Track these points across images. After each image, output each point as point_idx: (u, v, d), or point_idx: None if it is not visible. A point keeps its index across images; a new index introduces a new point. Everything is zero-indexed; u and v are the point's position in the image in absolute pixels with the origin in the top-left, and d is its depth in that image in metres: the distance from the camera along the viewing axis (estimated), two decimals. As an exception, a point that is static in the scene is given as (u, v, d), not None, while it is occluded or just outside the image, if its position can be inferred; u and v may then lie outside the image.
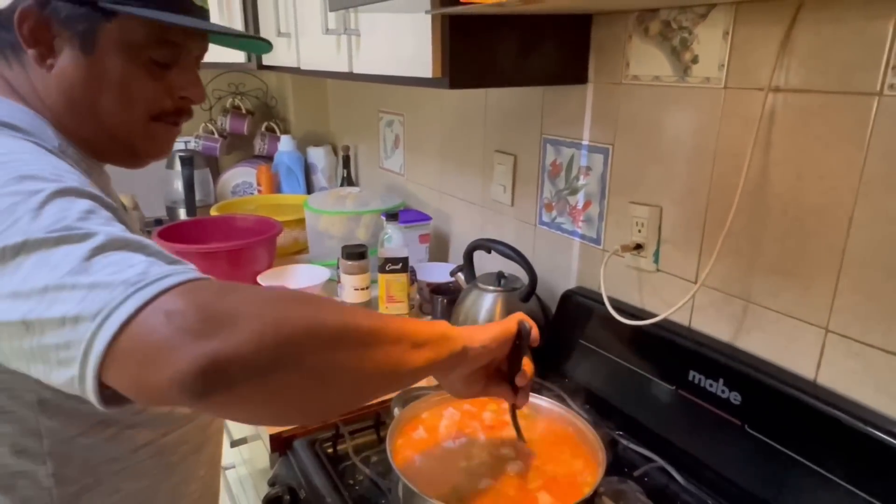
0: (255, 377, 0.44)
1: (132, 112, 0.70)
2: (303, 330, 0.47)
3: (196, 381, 0.42)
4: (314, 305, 0.51)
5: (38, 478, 0.65)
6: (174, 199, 2.10)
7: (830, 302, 0.82)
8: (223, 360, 0.43)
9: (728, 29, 0.88)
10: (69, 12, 0.64)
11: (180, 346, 0.42)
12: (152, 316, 0.44)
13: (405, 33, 1.05)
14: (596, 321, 1.14)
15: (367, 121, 2.05)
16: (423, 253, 1.65)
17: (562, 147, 1.23)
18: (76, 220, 0.49)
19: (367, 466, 0.93)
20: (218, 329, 0.43)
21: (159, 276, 0.46)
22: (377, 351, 0.54)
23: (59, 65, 0.66)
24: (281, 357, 0.45)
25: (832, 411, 0.79)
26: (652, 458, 0.95)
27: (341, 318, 0.51)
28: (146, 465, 0.72)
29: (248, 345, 0.44)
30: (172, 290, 0.45)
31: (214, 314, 0.44)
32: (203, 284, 0.47)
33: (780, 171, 0.85)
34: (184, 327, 0.43)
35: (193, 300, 0.45)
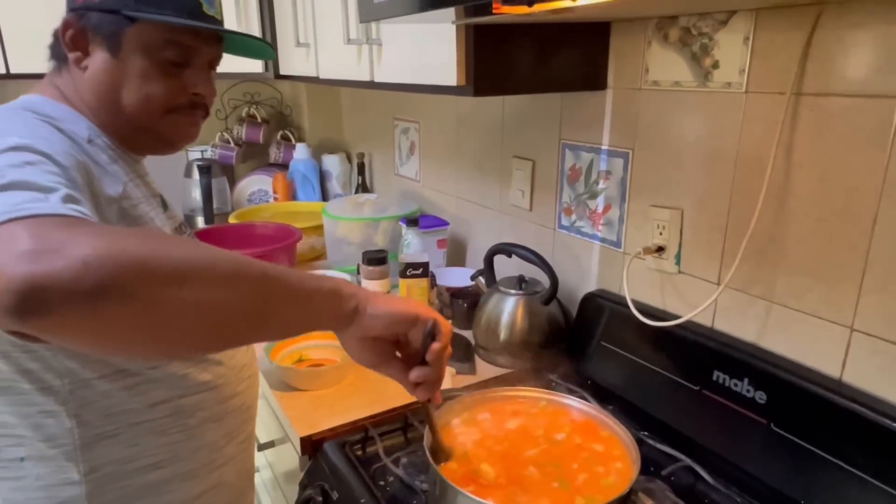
0: (78, 303, 0.45)
1: (150, 106, 0.80)
2: (134, 261, 0.47)
3: (14, 300, 0.44)
4: (162, 241, 0.52)
5: (62, 418, 0.72)
6: (192, 208, 2.12)
7: (855, 301, 0.83)
8: (40, 282, 0.44)
9: (749, 34, 0.90)
10: (99, 20, 0.77)
11: (6, 266, 0.44)
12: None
13: (428, 42, 1.08)
14: (617, 323, 1.16)
15: (382, 128, 2.08)
16: (440, 258, 1.67)
17: (581, 152, 1.25)
18: (8, 165, 0.55)
19: (398, 467, 0.94)
20: (44, 255, 0.45)
21: (27, 207, 0.49)
22: (235, 291, 0.52)
23: (92, 66, 0.78)
24: (107, 285, 0.45)
25: (858, 408, 0.80)
26: (678, 457, 0.96)
27: (189, 253, 0.51)
28: (164, 422, 0.78)
29: (69, 270, 0.45)
30: (27, 219, 0.48)
31: (46, 242, 0.46)
32: (62, 218, 0.50)
33: (802, 173, 0.86)
34: (13, 250, 0.45)
35: (35, 229, 0.47)
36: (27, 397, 0.71)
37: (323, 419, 1.06)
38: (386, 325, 0.67)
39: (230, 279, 0.52)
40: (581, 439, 0.85)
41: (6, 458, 0.73)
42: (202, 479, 0.85)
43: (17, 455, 0.73)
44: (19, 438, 0.73)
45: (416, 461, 0.95)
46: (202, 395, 0.82)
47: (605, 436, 0.85)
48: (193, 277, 0.50)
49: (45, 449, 0.73)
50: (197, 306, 0.50)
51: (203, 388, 0.82)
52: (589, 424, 0.88)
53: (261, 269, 0.55)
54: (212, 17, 0.82)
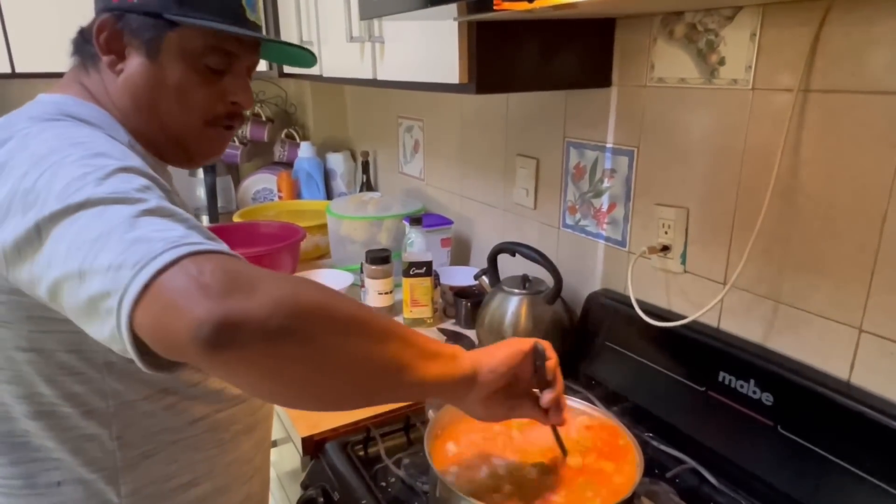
0: (265, 341, 0.46)
1: (189, 114, 0.76)
2: (318, 307, 0.50)
3: (210, 333, 0.44)
4: (331, 291, 0.54)
5: (104, 440, 0.70)
6: (197, 206, 2.13)
7: (864, 302, 0.82)
8: (237, 317, 0.45)
9: (755, 31, 0.89)
10: (139, 23, 0.73)
11: (201, 299, 0.45)
12: (183, 269, 0.47)
13: (431, 40, 1.07)
14: (622, 323, 1.15)
15: (386, 126, 2.07)
16: (444, 257, 1.66)
17: (585, 150, 1.24)
18: (133, 189, 0.54)
19: (400, 468, 0.94)
20: (238, 290, 0.46)
21: (197, 241, 0.50)
22: (387, 347, 0.55)
23: (128, 70, 0.74)
24: (293, 327, 0.47)
25: (867, 411, 0.79)
26: (683, 459, 0.95)
27: (355, 307, 0.54)
28: (201, 438, 0.76)
29: (262, 308, 0.46)
30: (206, 254, 0.49)
31: (238, 278, 0.47)
32: (234, 257, 0.51)
33: (810, 171, 0.85)
34: (207, 283, 0.46)
35: (222, 264, 0.48)
36: (68, 421, 0.68)
37: (325, 419, 1.06)
38: (504, 373, 0.68)
39: (385, 334, 0.55)
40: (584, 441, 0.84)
41: (42, 482, 0.70)
42: (235, 492, 0.83)
43: (54, 479, 0.70)
44: (56, 462, 0.69)
45: (417, 462, 0.95)
46: (236, 409, 0.80)
47: (608, 437, 0.84)
48: (360, 329, 0.53)
49: (83, 472, 0.70)
50: (359, 356, 0.53)
51: (237, 401, 0.80)
52: (592, 426, 0.86)
53: (402, 328, 0.59)
54: (253, 21, 0.78)
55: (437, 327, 1.41)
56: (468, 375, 0.65)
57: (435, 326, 1.41)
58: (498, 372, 0.67)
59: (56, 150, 0.57)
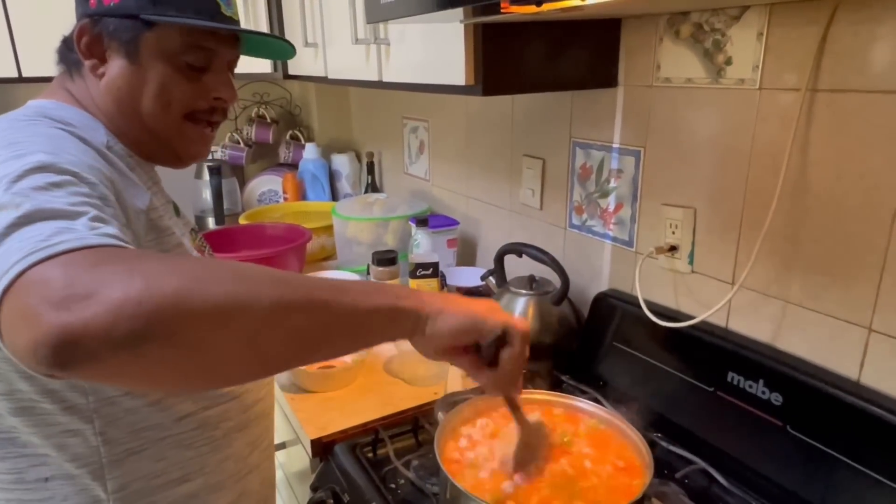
0: (119, 350, 0.43)
1: (169, 112, 0.77)
2: (174, 302, 0.44)
3: (48, 353, 0.42)
4: (208, 274, 0.47)
5: (87, 436, 0.70)
6: (203, 209, 2.13)
7: (873, 301, 0.81)
8: (74, 333, 0.42)
9: (762, 30, 0.88)
10: (116, 25, 0.74)
11: (38, 316, 0.42)
12: (27, 283, 0.44)
13: (436, 42, 1.07)
14: (630, 323, 1.14)
15: (391, 127, 2.07)
16: (450, 258, 1.67)
17: (592, 150, 1.24)
18: (33, 188, 0.52)
19: (409, 470, 0.94)
20: (75, 301, 0.42)
21: (55, 242, 0.46)
22: (279, 328, 0.49)
23: (109, 73, 0.76)
24: (145, 330, 0.43)
25: (877, 411, 0.79)
26: (692, 459, 0.95)
27: (235, 287, 0.47)
28: (190, 435, 0.77)
29: (101, 317, 0.42)
30: (59, 256, 0.45)
31: (78, 285, 0.43)
32: (94, 251, 0.47)
33: (819, 171, 0.85)
34: (46, 297, 0.43)
35: (67, 269, 0.44)
36: (51, 417, 0.69)
37: (333, 421, 1.06)
38: (450, 338, 0.61)
39: (276, 312, 0.48)
40: (593, 442, 0.84)
41: (31, 478, 0.71)
42: (229, 489, 0.84)
43: (42, 475, 0.71)
44: (43, 458, 0.70)
45: (427, 464, 0.95)
46: (226, 406, 0.80)
47: (617, 438, 0.84)
48: (237, 315, 0.46)
49: (70, 468, 0.71)
50: (243, 342, 0.47)
51: (227, 397, 0.80)
52: (601, 427, 0.86)
53: (308, 296, 0.50)
54: (229, 17, 0.80)
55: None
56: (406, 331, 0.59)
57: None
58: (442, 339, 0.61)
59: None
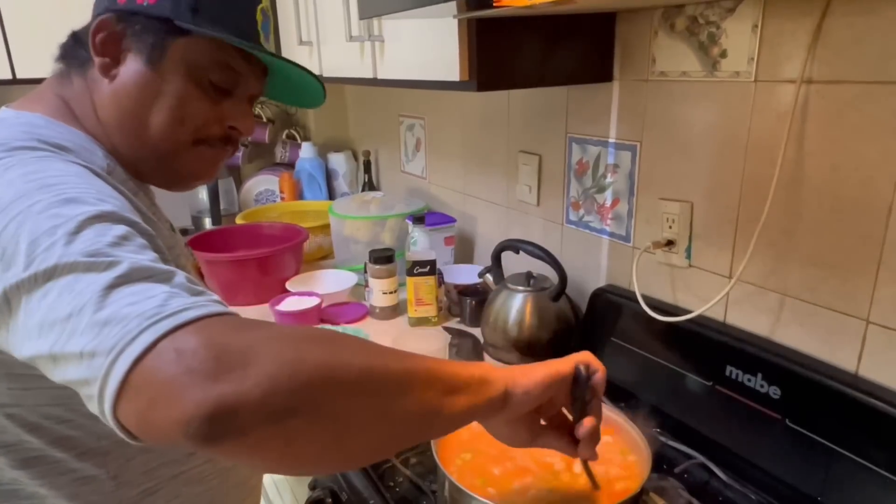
0: (267, 424, 0.41)
1: (180, 130, 0.70)
2: (321, 374, 0.44)
3: (202, 426, 0.40)
4: (337, 345, 0.47)
5: (101, 482, 0.66)
6: (199, 209, 2.13)
7: (870, 293, 0.81)
8: (232, 404, 0.40)
9: (757, 22, 0.88)
10: (144, 25, 0.68)
11: (188, 388, 0.40)
12: (164, 353, 0.42)
13: (430, 38, 1.06)
14: (628, 318, 1.14)
15: (388, 125, 2.07)
16: (448, 255, 1.66)
17: (588, 145, 1.23)
18: (108, 245, 0.48)
19: (408, 468, 0.94)
20: (229, 371, 0.41)
21: (177, 309, 0.44)
22: (406, 398, 0.49)
23: (122, 75, 0.69)
24: (296, 403, 0.42)
25: (875, 403, 0.78)
26: (691, 454, 0.94)
27: (366, 360, 0.48)
28: (201, 470, 0.74)
29: (258, 388, 0.41)
30: (188, 325, 0.43)
31: (227, 354, 0.42)
32: (221, 320, 0.45)
33: (815, 163, 0.85)
34: (193, 367, 0.41)
35: (207, 338, 0.43)
36: (61, 465, 0.64)
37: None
38: (539, 396, 0.62)
39: (404, 381, 0.50)
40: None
41: None
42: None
43: None
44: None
45: (425, 461, 0.95)
46: None
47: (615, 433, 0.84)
48: (374, 386, 0.47)
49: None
50: (379, 413, 0.47)
51: None
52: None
53: (423, 365, 0.52)
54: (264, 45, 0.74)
55: (442, 326, 1.41)
56: (499, 398, 0.59)
57: (440, 325, 1.41)
58: (533, 394, 0.61)
59: (23, 195, 0.51)
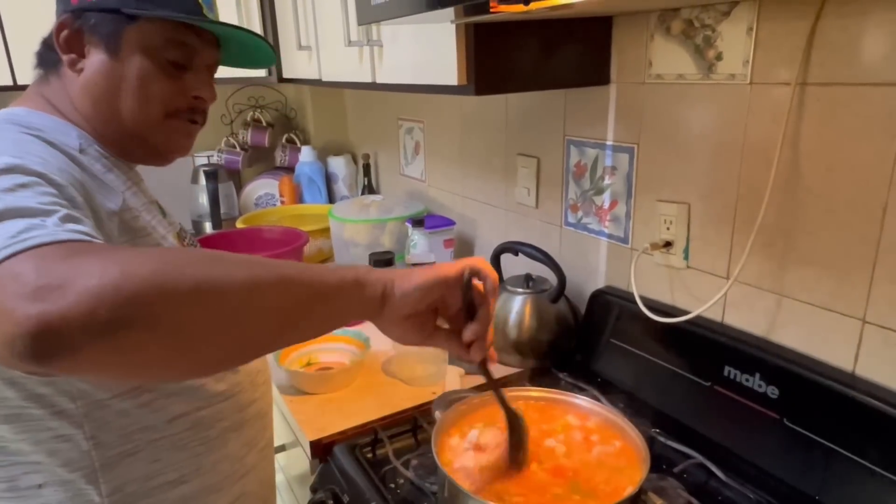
0: (98, 338, 0.42)
1: (149, 109, 0.77)
2: (151, 284, 0.45)
3: (26, 345, 0.41)
4: (175, 258, 0.49)
5: (78, 441, 0.70)
6: (200, 213, 2.13)
7: (867, 293, 0.82)
8: (53, 322, 0.41)
9: (752, 25, 0.89)
10: (98, 19, 0.74)
11: (12, 310, 0.42)
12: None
13: (429, 42, 1.07)
14: (626, 320, 1.15)
15: (387, 129, 2.08)
16: (448, 258, 1.67)
17: (586, 148, 1.24)
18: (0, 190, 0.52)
19: (408, 469, 0.94)
20: (52, 291, 0.42)
21: (26, 238, 0.46)
22: (260, 305, 0.50)
23: (88, 68, 0.75)
24: (125, 315, 0.43)
25: (872, 402, 0.79)
26: (690, 454, 0.95)
27: (204, 269, 0.48)
28: (183, 436, 0.76)
29: (80, 305, 0.42)
30: (28, 251, 0.45)
31: (52, 276, 0.43)
32: (63, 245, 0.47)
33: (810, 164, 0.85)
34: (19, 291, 0.42)
35: (38, 264, 0.44)
36: (39, 423, 0.68)
37: (332, 422, 1.06)
38: (419, 298, 0.63)
39: (250, 289, 0.50)
40: (591, 438, 0.84)
41: (24, 485, 0.70)
42: (226, 491, 0.83)
43: (35, 482, 0.70)
44: (35, 465, 0.70)
45: (426, 463, 0.95)
46: (220, 406, 0.80)
47: (615, 434, 0.84)
48: (213, 294, 0.48)
49: (63, 473, 0.70)
50: (223, 321, 0.48)
51: (220, 398, 0.80)
52: (599, 423, 0.87)
53: (277, 273, 0.53)
54: (209, 19, 0.80)
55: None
56: (376, 299, 0.60)
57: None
58: (412, 296, 0.62)
59: None
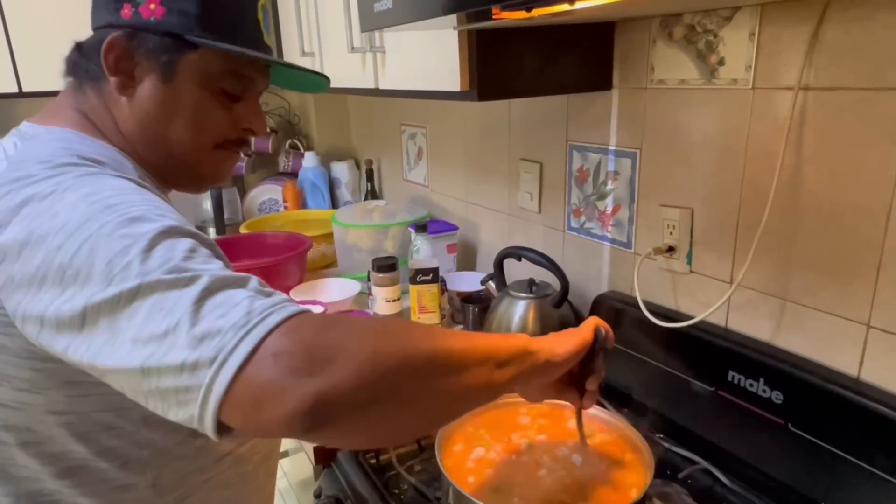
0: (356, 411, 0.47)
1: (201, 139, 0.74)
2: (397, 362, 0.50)
3: (305, 419, 0.45)
4: (406, 333, 0.53)
5: (140, 489, 0.68)
6: (203, 219, 2.14)
7: (871, 298, 0.81)
8: (328, 397, 0.45)
9: (754, 30, 0.89)
10: (156, 43, 0.69)
11: (290, 387, 0.45)
12: (262, 359, 0.46)
13: (431, 48, 1.07)
14: (630, 324, 1.15)
15: (390, 134, 2.08)
16: (450, 263, 1.67)
17: (588, 153, 1.24)
18: (181, 260, 0.52)
19: (412, 475, 0.94)
20: (321, 367, 0.46)
21: (262, 314, 0.48)
22: (466, 375, 0.56)
23: (139, 93, 0.70)
24: (379, 390, 0.48)
25: (878, 407, 0.79)
26: (695, 459, 0.95)
27: (432, 344, 0.54)
28: (227, 474, 0.76)
29: (348, 381, 0.46)
30: (277, 329, 0.48)
31: (317, 352, 0.47)
32: (304, 319, 0.50)
33: (813, 169, 0.85)
34: (291, 367, 0.46)
35: (297, 339, 0.48)
36: (104, 474, 0.67)
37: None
38: (571, 363, 0.71)
39: (463, 359, 0.56)
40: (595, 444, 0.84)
41: None
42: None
43: None
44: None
45: (429, 468, 0.95)
46: (256, 440, 0.79)
47: (619, 440, 0.84)
48: (440, 366, 0.53)
49: None
50: (444, 391, 0.54)
51: None
52: (602, 429, 0.87)
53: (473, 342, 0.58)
54: (268, 45, 0.76)
55: (446, 333, 1.41)
56: (539, 367, 0.66)
57: (443, 332, 1.42)
58: (569, 361, 0.70)
59: (90, 218, 0.53)
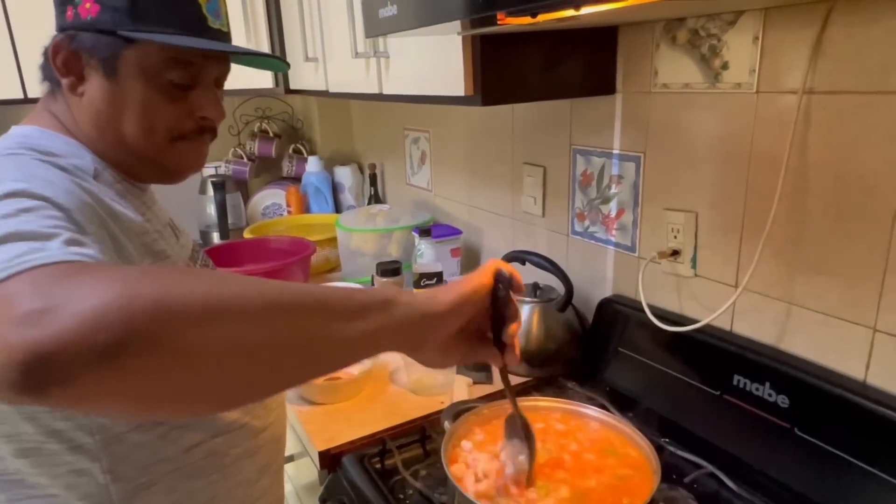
0: (96, 364, 0.38)
1: (154, 135, 0.73)
2: (153, 303, 0.40)
3: (17, 375, 0.37)
4: (188, 278, 0.44)
5: (95, 475, 0.68)
6: (207, 224, 2.14)
7: (877, 301, 0.81)
8: (44, 349, 0.37)
9: (758, 34, 0.89)
10: (94, 42, 0.70)
11: (2, 337, 0.38)
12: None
13: (435, 54, 1.08)
14: (634, 328, 1.15)
15: (393, 138, 2.09)
16: (454, 267, 1.67)
17: (592, 157, 1.24)
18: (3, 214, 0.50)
19: (417, 480, 0.94)
20: (45, 314, 0.38)
21: (25, 260, 0.42)
22: (283, 325, 0.46)
23: (88, 92, 0.71)
24: (124, 337, 0.38)
25: (884, 411, 0.78)
26: (701, 463, 0.94)
27: (218, 287, 0.44)
28: (199, 465, 0.75)
29: (74, 328, 0.37)
30: (26, 273, 0.42)
31: (47, 298, 0.39)
32: (63, 266, 0.43)
33: (818, 172, 0.85)
34: (11, 315, 0.38)
35: (35, 283, 0.41)
36: (56, 457, 0.67)
37: (341, 432, 1.06)
38: (461, 312, 0.59)
39: (267, 310, 0.45)
40: (600, 448, 0.84)
41: None
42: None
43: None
44: (53, 498, 0.68)
45: (434, 473, 0.95)
46: (234, 433, 0.79)
47: (624, 444, 0.84)
48: (223, 313, 0.43)
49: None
50: (236, 347, 0.43)
51: (234, 425, 0.78)
52: (608, 433, 0.86)
53: (295, 295, 0.48)
54: (217, 29, 0.74)
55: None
56: (413, 320, 0.55)
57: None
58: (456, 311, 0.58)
59: None
